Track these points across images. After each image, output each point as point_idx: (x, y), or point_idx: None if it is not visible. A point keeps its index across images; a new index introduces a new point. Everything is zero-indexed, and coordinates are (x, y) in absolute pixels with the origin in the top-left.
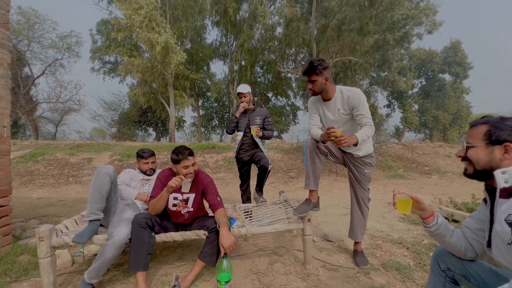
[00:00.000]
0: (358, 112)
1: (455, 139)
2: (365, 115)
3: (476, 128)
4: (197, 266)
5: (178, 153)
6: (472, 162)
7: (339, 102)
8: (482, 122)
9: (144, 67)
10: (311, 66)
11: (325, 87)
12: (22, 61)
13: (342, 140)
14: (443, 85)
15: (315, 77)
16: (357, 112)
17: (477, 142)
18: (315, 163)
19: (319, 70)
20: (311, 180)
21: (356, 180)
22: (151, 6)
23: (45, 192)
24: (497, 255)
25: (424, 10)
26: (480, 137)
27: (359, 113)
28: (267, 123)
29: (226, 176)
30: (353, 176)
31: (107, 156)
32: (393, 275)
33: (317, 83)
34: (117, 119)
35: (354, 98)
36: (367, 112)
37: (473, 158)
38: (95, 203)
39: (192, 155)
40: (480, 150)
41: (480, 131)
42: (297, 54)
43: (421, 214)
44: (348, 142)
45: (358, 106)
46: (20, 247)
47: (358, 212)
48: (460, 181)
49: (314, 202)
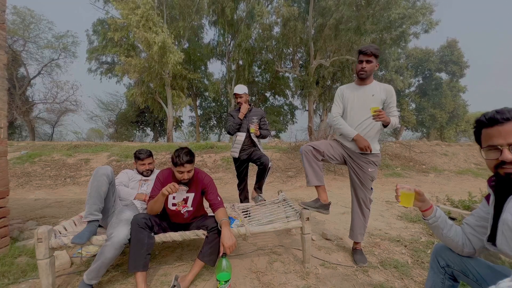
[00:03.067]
0: (392, 104)
1: (451, 137)
2: (395, 108)
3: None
4: (197, 266)
5: (177, 156)
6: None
7: (376, 89)
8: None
9: (141, 67)
10: (374, 48)
11: (372, 72)
12: (17, 61)
13: (381, 113)
14: (440, 84)
15: (373, 59)
16: (391, 103)
17: None
18: (311, 164)
19: (377, 54)
20: (312, 176)
21: (358, 180)
22: (148, 6)
23: (42, 193)
24: (501, 243)
25: (421, 10)
26: None
27: (392, 105)
28: (263, 123)
29: (224, 175)
30: (355, 175)
31: (105, 157)
32: (391, 273)
33: (372, 65)
34: (114, 120)
35: (391, 90)
36: (396, 109)
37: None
38: (93, 204)
39: (190, 163)
40: None
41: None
42: (295, 53)
43: (421, 206)
44: (385, 118)
45: (392, 98)
46: (18, 249)
47: (358, 214)
48: (457, 179)
49: (323, 203)
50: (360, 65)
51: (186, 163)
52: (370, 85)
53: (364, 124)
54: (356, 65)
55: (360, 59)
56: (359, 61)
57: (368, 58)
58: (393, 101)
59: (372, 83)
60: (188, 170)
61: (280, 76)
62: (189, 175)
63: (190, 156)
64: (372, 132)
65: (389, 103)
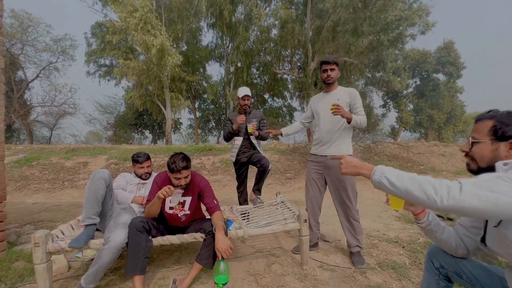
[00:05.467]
0: (357, 105)
1: (449, 138)
2: (361, 109)
3: (482, 123)
4: (195, 269)
5: (173, 163)
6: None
7: (340, 93)
8: (488, 117)
9: (139, 70)
10: (334, 57)
11: (337, 79)
12: (15, 64)
13: (339, 108)
14: (437, 85)
15: (335, 66)
16: (355, 104)
17: (482, 138)
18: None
19: (338, 62)
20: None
21: (338, 192)
22: (146, 9)
23: (40, 197)
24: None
25: (417, 11)
26: (486, 133)
27: (357, 106)
28: (263, 125)
29: (223, 178)
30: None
31: (103, 160)
32: (389, 274)
33: (335, 72)
34: (113, 122)
35: (354, 92)
36: (363, 110)
37: (477, 154)
38: (90, 208)
39: (186, 169)
40: (485, 146)
41: (486, 126)
42: (293, 55)
43: (413, 210)
44: (343, 112)
45: (356, 99)
46: (15, 253)
47: (349, 229)
48: (455, 179)
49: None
50: (326, 73)
51: (182, 169)
52: (336, 91)
53: (335, 127)
54: (321, 74)
55: (324, 68)
56: (324, 70)
57: (331, 66)
58: (357, 102)
59: (337, 89)
60: (184, 176)
61: (279, 78)
62: (186, 180)
63: (186, 161)
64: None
65: (354, 104)
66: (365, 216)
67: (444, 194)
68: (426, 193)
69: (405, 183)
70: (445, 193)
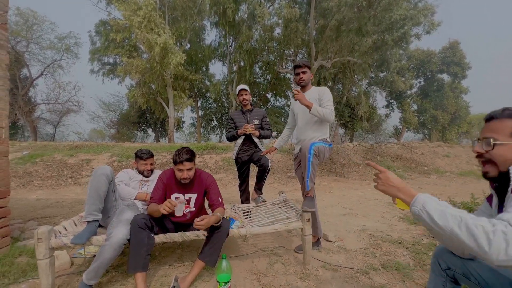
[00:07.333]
0: (324, 99)
1: (453, 139)
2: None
3: (500, 123)
4: (197, 266)
5: (177, 154)
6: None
7: (313, 92)
8: (508, 116)
9: (143, 68)
10: (305, 61)
11: (309, 80)
12: (20, 62)
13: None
14: (442, 85)
15: (307, 69)
16: (323, 98)
17: (506, 139)
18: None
19: (310, 66)
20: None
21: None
22: (150, 7)
23: (43, 193)
24: None
25: (423, 11)
26: (508, 133)
27: (324, 100)
28: (265, 123)
29: (225, 176)
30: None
31: (106, 157)
32: (392, 275)
33: (307, 74)
34: (116, 120)
35: (323, 89)
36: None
37: (500, 157)
38: (92, 204)
39: (190, 161)
40: (508, 149)
41: (507, 127)
42: (296, 54)
43: None
44: (301, 96)
45: (324, 95)
46: (19, 249)
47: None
48: (459, 181)
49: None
50: (298, 77)
51: (185, 161)
52: (309, 91)
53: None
54: (294, 77)
55: (297, 71)
56: (296, 73)
57: (303, 69)
58: (324, 97)
59: (311, 89)
60: (187, 168)
61: (281, 77)
62: (189, 174)
63: (190, 154)
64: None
65: (321, 99)
66: (368, 216)
67: (501, 247)
68: (477, 242)
69: (450, 223)
70: (502, 246)
